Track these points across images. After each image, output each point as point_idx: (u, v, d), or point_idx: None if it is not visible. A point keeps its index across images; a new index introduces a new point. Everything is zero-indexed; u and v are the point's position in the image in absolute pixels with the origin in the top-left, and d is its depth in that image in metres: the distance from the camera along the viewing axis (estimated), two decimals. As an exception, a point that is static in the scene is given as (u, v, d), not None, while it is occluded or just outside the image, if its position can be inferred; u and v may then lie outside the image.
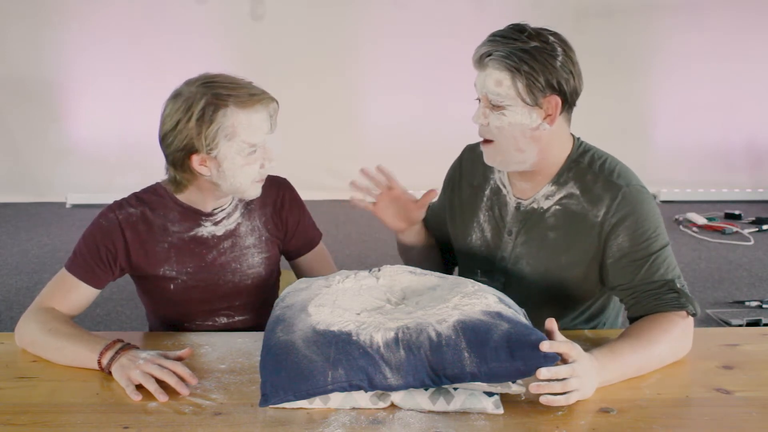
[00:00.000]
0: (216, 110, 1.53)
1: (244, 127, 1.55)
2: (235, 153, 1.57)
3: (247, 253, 1.74)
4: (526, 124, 1.55)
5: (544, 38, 1.52)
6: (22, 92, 5.12)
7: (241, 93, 1.55)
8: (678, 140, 5.31)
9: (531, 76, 1.50)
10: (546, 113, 1.55)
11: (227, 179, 1.60)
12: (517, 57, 1.50)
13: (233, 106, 1.54)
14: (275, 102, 1.61)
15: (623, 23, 5.05)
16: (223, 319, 1.77)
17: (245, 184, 1.62)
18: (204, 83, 1.56)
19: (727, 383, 1.40)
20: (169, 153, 1.59)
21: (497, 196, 1.73)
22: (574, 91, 1.56)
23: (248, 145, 1.57)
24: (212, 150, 1.55)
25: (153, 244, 1.68)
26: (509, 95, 1.53)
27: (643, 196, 1.59)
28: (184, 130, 1.54)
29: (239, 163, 1.58)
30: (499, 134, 1.57)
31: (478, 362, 1.27)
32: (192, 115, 1.53)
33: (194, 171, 1.60)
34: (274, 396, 1.29)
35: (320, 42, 5.06)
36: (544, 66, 1.50)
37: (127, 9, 4.97)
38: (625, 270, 1.56)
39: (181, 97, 1.55)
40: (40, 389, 1.40)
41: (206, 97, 1.53)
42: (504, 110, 1.54)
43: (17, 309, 3.47)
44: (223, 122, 1.54)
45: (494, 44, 1.53)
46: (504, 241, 1.70)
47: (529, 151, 1.58)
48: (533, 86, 1.51)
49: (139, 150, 4.79)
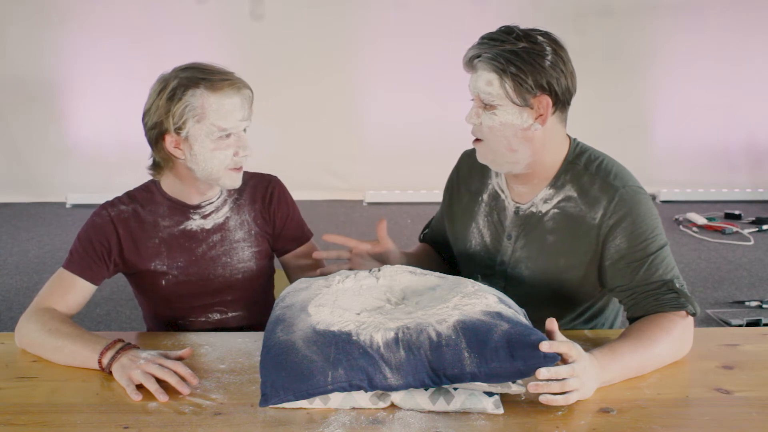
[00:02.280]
0: (185, 90, 1.59)
1: (214, 110, 1.59)
2: (205, 136, 1.60)
3: (237, 247, 1.76)
4: (517, 125, 1.55)
5: (533, 39, 1.53)
6: (22, 92, 5.12)
7: (214, 77, 1.60)
8: (678, 140, 5.31)
9: (518, 77, 1.51)
10: (537, 113, 1.55)
11: (199, 163, 1.63)
12: (504, 58, 1.51)
13: (203, 88, 1.59)
14: (248, 89, 1.65)
15: (623, 23, 5.05)
16: (216, 315, 1.79)
17: (217, 170, 1.64)
18: (184, 68, 1.63)
19: (727, 383, 1.40)
20: (146, 132, 1.66)
21: (496, 201, 1.73)
22: (566, 91, 1.55)
23: (218, 128, 1.60)
24: (180, 130, 1.60)
25: (144, 239, 1.71)
26: (499, 95, 1.53)
27: (640, 197, 1.59)
28: (157, 109, 1.61)
29: (209, 147, 1.61)
30: (489, 133, 1.57)
31: (478, 362, 1.27)
32: (164, 94, 1.59)
33: (168, 153, 1.64)
34: (274, 396, 1.29)
35: (320, 42, 5.06)
36: (532, 66, 1.50)
37: (127, 9, 4.96)
38: (624, 271, 1.56)
39: (161, 80, 1.63)
40: (40, 389, 1.40)
41: (179, 79, 1.60)
42: (495, 110, 1.55)
43: (17, 309, 3.47)
44: (191, 102, 1.58)
45: (483, 47, 1.54)
46: (503, 246, 1.70)
47: (522, 152, 1.58)
48: (521, 87, 1.51)
49: (138, 150, 4.74)
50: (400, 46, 5.06)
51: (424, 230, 2.01)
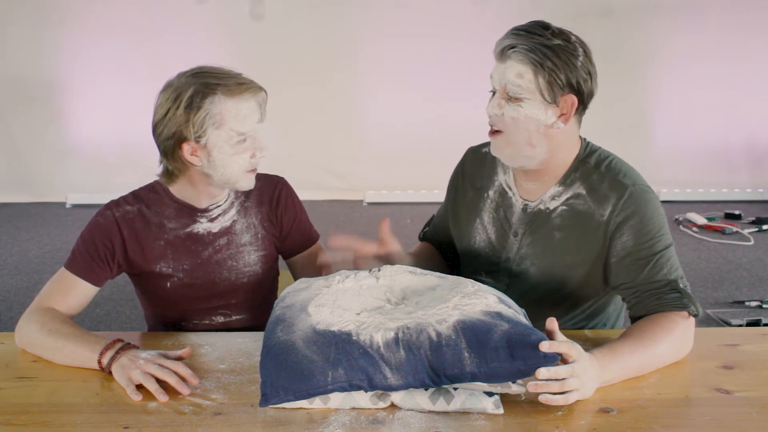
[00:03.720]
0: (204, 98, 1.56)
1: (233, 115, 1.57)
2: (224, 141, 1.58)
3: (244, 250, 1.75)
4: (542, 120, 1.55)
5: (567, 37, 1.54)
6: (22, 92, 5.12)
7: (229, 82, 1.58)
8: (678, 140, 5.31)
9: (554, 73, 1.51)
10: (561, 112, 1.55)
11: (218, 169, 1.61)
12: (542, 52, 1.51)
13: (221, 94, 1.56)
14: (263, 91, 1.64)
15: (623, 23, 5.05)
16: (220, 318, 1.78)
17: (236, 174, 1.63)
18: (194, 74, 1.59)
19: (727, 383, 1.40)
20: (160, 143, 1.62)
21: (503, 198, 1.72)
22: (590, 93, 1.57)
23: (236, 133, 1.59)
24: (201, 138, 1.58)
25: (149, 241, 1.69)
26: (529, 89, 1.53)
27: (648, 196, 1.59)
28: (174, 118, 1.57)
29: (228, 152, 1.59)
30: (512, 125, 1.57)
31: (478, 362, 1.27)
32: (181, 103, 1.56)
33: (185, 161, 1.62)
34: (274, 396, 1.29)
35: (320, 42, 5.06)
36: (566, 64, 1.52)
37: (127, 9, 4.96)
38: (629, 269, 1.57)
39: (171, 87, 1.59)
40: (40, 389, 1.40)
41: (195, 86, 1.56)
42: (521, 102, 1.55)
43: (17, 309, 3.47)
44: (210, 109, 1.56)
45: (518, 38, 1.54)
46: (509, 243, 1.70)
47: (540, 148, 1.58)
48: (554, 83, 1.52)
49: (138, 150, 4.76)
50: (400, 46, 5.06)
51: (424, 228, 2.01)
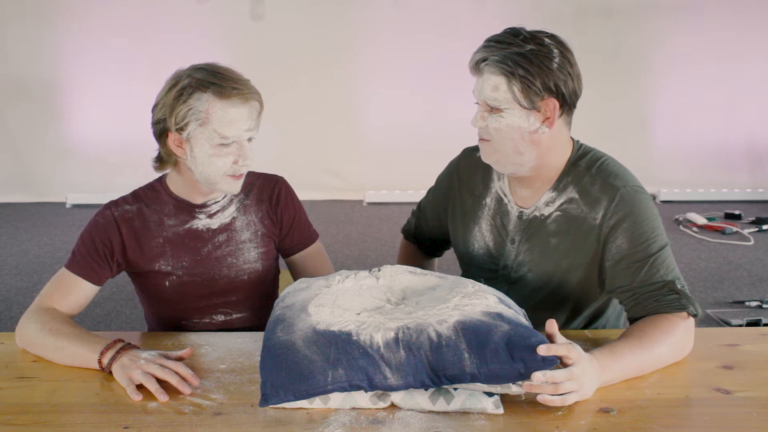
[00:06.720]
0: (193, 93, 1.57)
1: (218, 116, 1.58)
2: (205, 140, 1.59)
3: (243, 247, 1.75)
4: (525, 127, 1.54)
5: (540, 41, 1.52)
6: (22, 92, 5.12)
7: (224, 84, 1.58)
8: (678, 140, 5.31)
9: (526, 80, 1.50)
10: (544, 116, 1.54)
11: (198, 166, 1.62)
12: (512, 61, 1.50)
13: (211, 94, 1.57)
14: (257, 101, 1.63)
15: (623, 23, 5.05)
16: (220, 316, 1.78)
17: (215, 176, 1.63)
18: (198, 68, 1.61)
19: (727, 383, 1.40)
20: (152, 125, 1.65)
21: (499, 205, 1.72)
22: (573, 93, 1.55)
23: (219, 135, 1.58)
24: (182, 130, 1.59)
25: (148, 239, 1.70)
26: (506, 99, 1.52)
27: (640, 197, 1.58)
28: (164, 105, 1.60)
29: (207, 152, 1.60)
30: (497, 135, 1.57)
31: (478, 363, 1.26)
32: (173, 91, 1.58)
33: (171, 150, 1.64)
34: (274, 396, 1.29)
35: (320, 42, 5.07)
36: (540, 69, 1.50)
37: (127, 9, 4.97)
38: (625, 272, 1.56)
39: (175, 75, 1.62)
40: (40, 389, 1.40)
41: (190, 80, 1.58)
42: (502, 112, 1.54)
43: (17, 309, 3.47)
44: (196, 105, 1.57)
45: (489, 49, 1.53)
46: (507, 250, 1.70)
47: (528, 154, 1.58)
48: (529, 90, 1.51)
49: (138, 150, 4.74)
50: (400, 45, 5.06)
51: (408, 223, 2.02)
